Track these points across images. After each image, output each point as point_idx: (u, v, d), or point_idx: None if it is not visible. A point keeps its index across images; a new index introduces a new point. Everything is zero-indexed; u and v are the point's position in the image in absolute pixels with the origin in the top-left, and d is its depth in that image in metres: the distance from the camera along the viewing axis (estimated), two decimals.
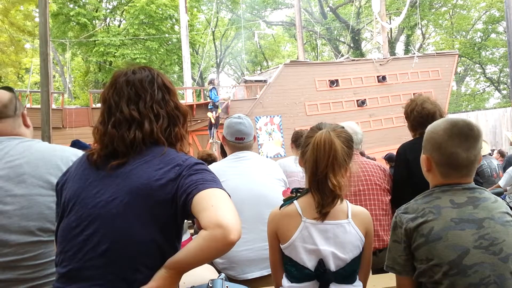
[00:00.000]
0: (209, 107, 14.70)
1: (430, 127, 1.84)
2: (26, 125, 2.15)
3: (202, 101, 16.50)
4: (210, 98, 14.61)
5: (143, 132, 1.57)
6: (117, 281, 1.42)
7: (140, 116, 1.59)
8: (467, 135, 1.74)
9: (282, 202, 1.89)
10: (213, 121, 14.49)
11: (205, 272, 1.85)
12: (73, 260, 1.45)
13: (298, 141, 4.64)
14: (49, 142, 4.90)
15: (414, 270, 1.73)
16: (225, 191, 1.49)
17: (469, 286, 1.58)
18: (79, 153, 2.08)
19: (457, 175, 1.76)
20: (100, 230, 1.45)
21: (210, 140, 14.67)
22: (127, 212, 1.45)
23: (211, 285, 1.65)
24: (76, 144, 4.91)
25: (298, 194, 1.88)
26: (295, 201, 1.85)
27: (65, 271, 1.46)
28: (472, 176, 1.78)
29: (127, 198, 1.46)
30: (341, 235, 1.77)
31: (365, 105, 18.16)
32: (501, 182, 6.48)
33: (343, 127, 1.89)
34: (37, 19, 20.76)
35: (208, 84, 15.03)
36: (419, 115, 3.06)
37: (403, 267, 1.75)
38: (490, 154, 8.03)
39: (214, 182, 1.49)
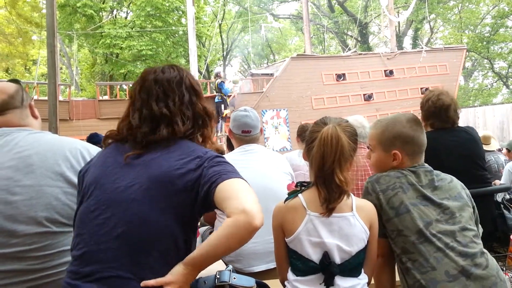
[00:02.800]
0: (216, 100, 14.64)
1: (390, 126, 2.06)
2: (34, 116, 2.16)
3: (208, 94, 16.48)
4: (221, 92, 14.53)
5: (169, 131, 1.61)
6: (129, 264, 1.44)
7: (168, 115, 1.63)
8: (420, 122, 2.10)
9: (287, 196, 1.90)
10: (223, 114, 14.44)
11: (213, 264, 1.85)
12: (89, 242, 1.49)
13: (304, 134, 4.64)
14: (56, 134, 4.92)
15: (385, 233, 1.97)
16: (247, 181, 1.53)
17: (438, 250, 1.81)
18: (88, 146, 2.09)
19: (420, 157, 2.06)
20: (117, 214, 1.48)
21: (218, 134, 14.67)
22: (145, 198, 1.49)
23: (218, 276, 1.66)
24: (93, 137, 4.91)
25: (303, 187, 1.89)
26: (299, 195, 1.85)
27: (80, 253, 1.50)
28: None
29: (146, 184, 1.51)
30: (346, 228, 1.78)
31: (372, 99, 18.09)
32: (503, 180, 6.42)
33: (347, 121, 1.90)
34: (44, 11, 20.80)
35: (215, 78, 14.97)
36: (433, 105, 3.04)
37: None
38: (500, 150, 7.96)
39: (235, 172, 1.54)
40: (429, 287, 1.77)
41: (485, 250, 1.88)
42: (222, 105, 14.50)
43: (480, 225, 2.06)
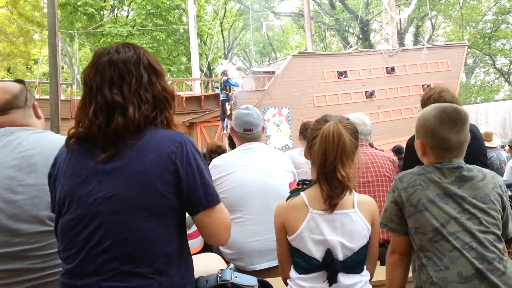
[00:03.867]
0: (221, 98, 14.57)
1: (421, 115, 2.01)
2: (37, 116, 2.16)
3: (210, 92, 16.47)
4: (227, 89, 14.42)
5: (126, 118, 1.48)
6: (119, 275, 1.42)
7: (123, 101, 1.49)
8: (455, 120, 1.92)
9: (289, 194, 1.90)
10: (227, 112, 14.36)
11: (214, 263, 1.86)
12: (77, 257, 1.45)
13: (306, 132, 4.64)
14: (58, 133, 4.92)
15: (407, 231, 1.92)
16: (218, 199, 1.60)
17: (453, 250, 1.75)
18: None
19: (449, 156, 1.93)
20: (102, 227, 1.43)
21: (224, 132, 14.61)
22: (127, 208, 1.44)
23: (220, 275, 1.66)
24: None
25: (305, 186, 1.89)
26: (301, 193, 1.86)
27: (70, 267, 1.46)
28: (462, 155, 1.97)
29: (126, 193, 1.44)
30: (348, 225, 1.79)
31: (373, 96, 18.04)
32: (505, 176, 6.42)
33: (348, 119, 1.91)
34: (45, 10, 20.78)
35: (221, 75, 14.88)
36: (435, 103, 3.03)
37: (396, 225, 1.93)
38: (502, 147, 7.94)
39: (213, 194, 1.57)
40: (439, 285, 1.75)
41: (505, 257, 1.80)
42: (227, 103, 14.43)
43: None
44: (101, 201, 1.44)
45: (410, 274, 1.99)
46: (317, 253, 1.76)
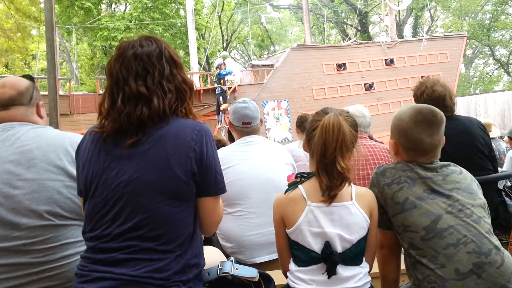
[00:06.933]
0: (216, 92, 14.55)
1: (397, 114, 2.02)
2: (40, 116, 2.17)
3: (209, 86, 16.44)
4: (221, 82, 14.35)
5: (151, 109, 1.58)
6: (141, 251, 1.51)
7: (148, 92, 1.59)
8: (431, 121, 1.93)
9: (287, 187, 1.90)
10: (221, 108, 14.35)
11: (214, 256, 1.87)
12: (103, 236, 1.54)
13: (303, 125, 4.64)
14: (57, 128, 4.92)
15: (390, 226, 1.94)
16: (225, 189, 1.70)
17: (448, 247, 1.73)
18: None
19: (423, 159, 1.94)
20: (126, 209, 1.52)
21: (218, 126, 14.63)
22: (149, 190, 1.52)
23: (221, 267, 1.68)
24: None
25: (303, 178, 1.89)
26: (299, 186, 1.86)
27: (94, 244, 1.55)
28: (437, 157, 1.96)
29: (147, 176, 1.53)
30: (346, 217, 1.79)
31: (372, 88, 18.03)
32: (505, 167, 6.43)
33: (348, 112, 1.91)
34: (42, 5, 20.70)
35: (216, 69, 14.84)
36: (429, 98, 3.01)
37: (379, 221, 1.93)
38: (501, 138, 7.94)
39: (223, 182, 1.68)
40: (437, 284, 1.72)
41: (501, 247, 1.77)
42: (221, 97, 14.42)
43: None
44: (125, 184, 1.53)
45: (403, 266, 2.00)
46: (316, 246, 1.77)
